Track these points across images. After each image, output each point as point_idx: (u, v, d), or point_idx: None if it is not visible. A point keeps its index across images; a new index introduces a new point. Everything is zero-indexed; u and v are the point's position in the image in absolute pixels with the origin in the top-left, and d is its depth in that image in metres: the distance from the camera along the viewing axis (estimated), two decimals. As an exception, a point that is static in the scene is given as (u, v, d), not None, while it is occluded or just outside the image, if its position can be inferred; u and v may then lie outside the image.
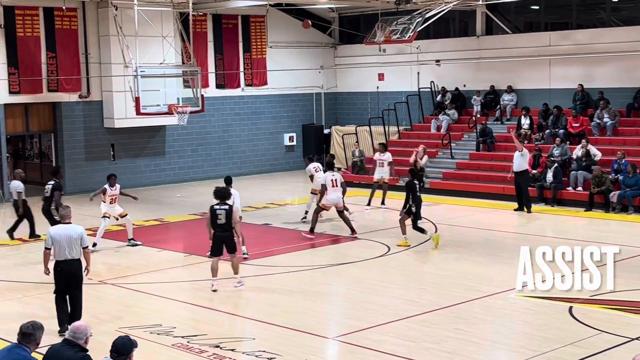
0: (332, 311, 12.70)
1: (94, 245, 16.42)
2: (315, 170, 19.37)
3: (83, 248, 11.10)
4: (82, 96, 25.27)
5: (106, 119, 25.52)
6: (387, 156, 21.66)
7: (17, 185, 18.03)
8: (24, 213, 17.94)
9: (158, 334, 11.10)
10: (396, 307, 12.39)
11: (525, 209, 20.56)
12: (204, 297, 13.29)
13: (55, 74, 24.49)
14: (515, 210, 20.68)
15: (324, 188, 17.60)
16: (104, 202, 17.34)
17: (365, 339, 10.86)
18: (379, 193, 21.43)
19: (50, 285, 11.51)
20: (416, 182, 16.64)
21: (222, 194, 13.59)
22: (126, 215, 17.38)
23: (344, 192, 17.88)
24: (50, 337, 7.47)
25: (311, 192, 19.48)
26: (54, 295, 11.22)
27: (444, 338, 10.86)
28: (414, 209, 16.39)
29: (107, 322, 11.56)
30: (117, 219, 17.69)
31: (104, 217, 17.21)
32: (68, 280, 11.07)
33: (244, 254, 15.46)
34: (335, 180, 17.64)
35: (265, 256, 16.08)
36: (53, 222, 15.65)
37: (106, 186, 17.37)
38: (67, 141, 25.25)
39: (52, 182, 17.30)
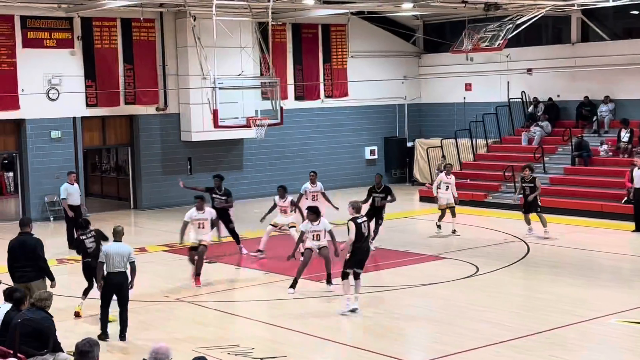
0: (418, 334, 12.23)
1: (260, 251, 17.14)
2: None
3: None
4: (159, 109, 24.99)
5: (183, 132, 25.14)
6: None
7: None
8: None
9: (236, 354, 10.81)
10: (486, 332, 11.77)
11: None
12: (284, 316, 12.94)
13: (133, 86, 24.22)
14: (633, 231, 19.13)
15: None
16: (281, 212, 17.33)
17: (453, 366, 10.33)
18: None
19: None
20: None
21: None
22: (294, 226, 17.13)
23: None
24: None
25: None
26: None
27: (537, 365, 10.25)
28: None
29: (184, 341, 11.23)
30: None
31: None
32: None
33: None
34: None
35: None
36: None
37: (275, 197, 17.27)
38: (144, 155, 24.93)
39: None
